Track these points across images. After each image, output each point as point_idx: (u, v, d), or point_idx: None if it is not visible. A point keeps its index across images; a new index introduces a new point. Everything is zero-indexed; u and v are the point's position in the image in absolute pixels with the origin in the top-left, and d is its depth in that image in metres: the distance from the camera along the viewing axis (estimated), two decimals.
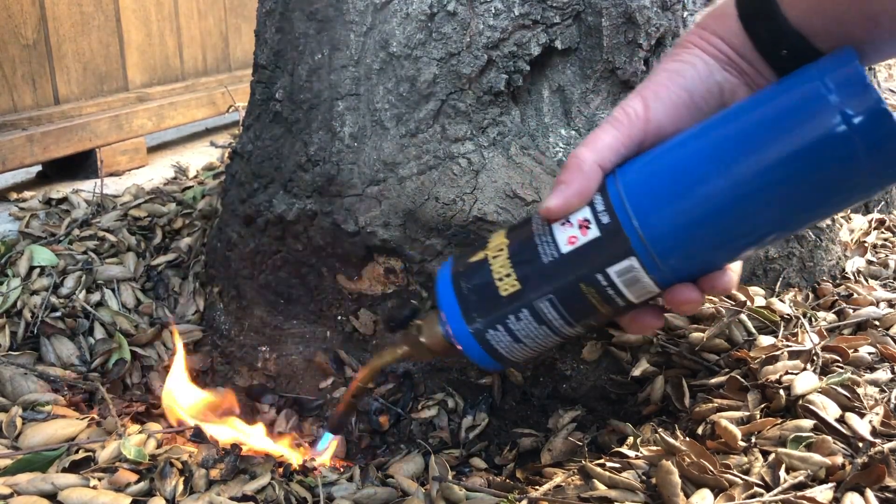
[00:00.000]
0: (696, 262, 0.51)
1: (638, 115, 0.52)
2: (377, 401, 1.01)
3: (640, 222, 0.50)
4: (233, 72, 2.37)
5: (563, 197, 0.52)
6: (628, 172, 0.52)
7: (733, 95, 0.53)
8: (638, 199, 0.50)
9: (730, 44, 0.52)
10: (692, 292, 0.52)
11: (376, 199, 0.92)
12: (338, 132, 0.93)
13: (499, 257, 0.56)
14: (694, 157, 0.50)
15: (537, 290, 0.54)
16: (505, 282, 0.55)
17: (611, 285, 0.52)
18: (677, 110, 0.52)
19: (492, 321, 0.56)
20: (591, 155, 0.52)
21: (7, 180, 1.71)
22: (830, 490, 0.62)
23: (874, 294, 0.98)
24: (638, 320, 0.56)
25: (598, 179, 0.52)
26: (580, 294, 0.53)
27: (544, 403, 0.97)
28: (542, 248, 0.53)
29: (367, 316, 1.01)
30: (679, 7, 0.90)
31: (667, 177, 0.50)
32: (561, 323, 0.55)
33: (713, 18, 0.54)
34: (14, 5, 1.58)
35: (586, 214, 0.52)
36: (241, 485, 0.73)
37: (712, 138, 0.49)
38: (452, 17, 0.87)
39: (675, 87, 0.52)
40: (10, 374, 0.92)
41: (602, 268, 0.51)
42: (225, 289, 1.13)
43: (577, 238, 0.52)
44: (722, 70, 0.53)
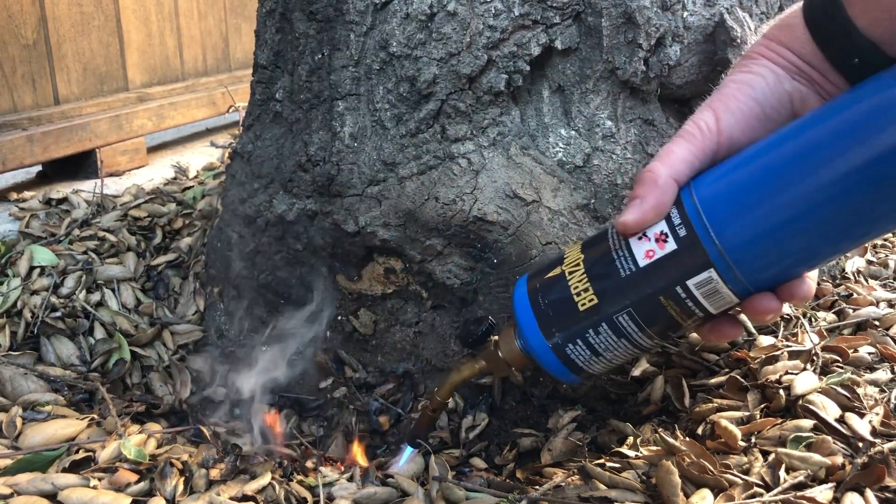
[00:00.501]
0: (775, 271, 0.51)
1: (710, 127, 0.52)
2: (377, 401, 1.01)
3: (717, 234, 0.50)
4: (233, 72, 2.37)
5: (639, 211, 0.52)
6: (703, 185, 0.52)
7: (804, 105, 0.53)
8: (715, 211, 0.50)
9: (798, 54, 0.52)
10: (771, 301, 0.52)
11: (376, 199, 0.92)
12: (338, 132, 0.93)
13: (575, 272, 0.57)
14: (769, 167, 0.50)
15: (616, 304, 0.55)
16: (583, 296, 0.56)
17: (690, 297, 0.52)
18: (749, 122, 0.52)
19: (571, 335, 0.57)
20: (665, 169, 0.52)
21: (7, 180, 1.71)
22: (830, 490, 0.62)
23: (874, 294, 0.98)
24: (716, 330, 0.57)
25: (673, 193, 0.52)
26: (660, 307, 0.54)
27: (544, 403, 0.97)
28: (620, 263, 0.54)
29: (367, 316, 1.01)
30: (679, 7, 0.90)
31: (743, 188, 0.50)
32: (640, 336, 0.56)
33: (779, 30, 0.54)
34: (14, 5, 1.58)
35: (663, 228, 0.52)
36: (241, 485, 0.73)
37: (787, 148, 0.49)
38: (452, 17, 0.87)
39: (745, 99, 0.52)
40: (10, 374, 0.93)
41: (681, 280, 0.52)
42: (225, 289, 1.13)
43: (655, 252, 0.53)
44: (791, 80, 0.53)
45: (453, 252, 0.92)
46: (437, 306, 0.98)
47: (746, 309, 0.54)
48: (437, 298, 0.98)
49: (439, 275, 0.93)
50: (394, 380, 1.03)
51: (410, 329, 1.00)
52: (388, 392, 1.02)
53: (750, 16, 0.92)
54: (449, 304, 0.98)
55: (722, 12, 0.90)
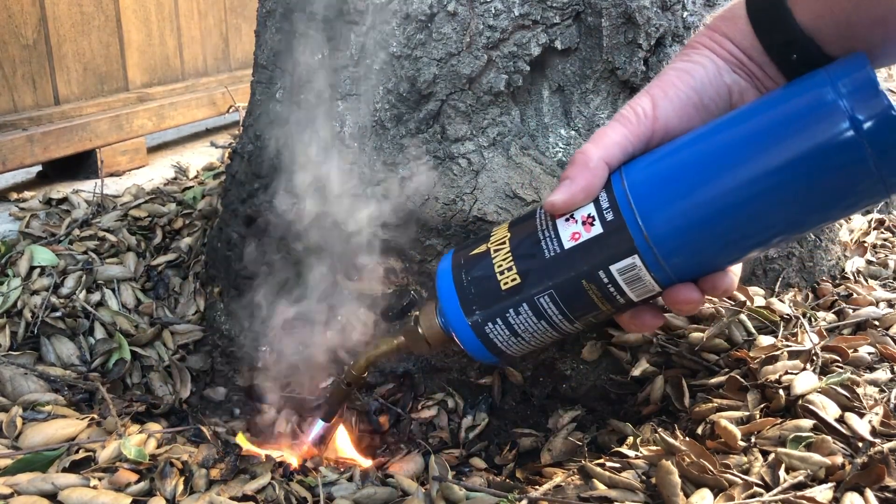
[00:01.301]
0: (699, 262, 0.51)
1: (646, 113, 0.52)
2: (377, 401, 1.01)
3: (644, 221, 0.49)
4: (233, 72, 2.37)
5: (568, 192, 0.52)
6: (634, 171, 0.52)
7: (742, 98, 0.53)
8: (643, 197, 0.50)
9: (740, 46, 0.52)
10: (693, 292, 0.52)
11: (376, 199, 0.92)
12: (338, 132, 0.93)
13: (500, 250, 0.56)
14: (701, 157, 0.50)
15: (538, 284, 0.54)
16: (506, 275, 0.55)
17: (612, 283, 0.52)
18: (686, 110, 0.52)
19: (491, 314, 0.56)
20: (597, 151, 0.52)
21: (7, 180, 1.71)
22: (830, 490, 0.62)
23: (874, 294, 0.98)
24: (637, 319, 0.57)
25: (603, 176, 0.52)
26: (581, 290, 0.53)
27: (544, 403, 0.97)
28: (545, 243, 0.53)
29: (368, 316, 1.01)
30: (679, 7, 0.90)
31: (673, 176, 0.50)
32: (560, 319, 0.55)
33: (723, 21, 0.53)
34: (14, 5, 1.58)
35: (591, 211, 0.52)
36: (241, 485, 0.73)
37: (720, 139, 0.49)
38: (452, 17, 0.87)
39: (684, 87, 0.52)
40: (11, 374, 0.93)
41: (604, 265, 0.51)
42: (225, 289, 1.13)
43: (581, 234, 0.52)
44: (731, 72, 0.53)
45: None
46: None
47: (667, 298, 0.53)
48: None
49: None
50: (394, 380, 1.03)
51: None
52: (388, 392, 1.02)
53: None
54: None
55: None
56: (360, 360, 0.73)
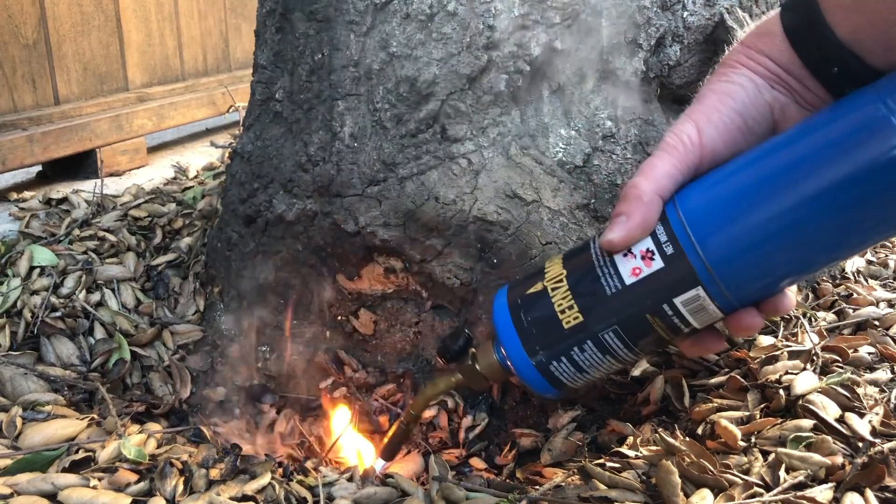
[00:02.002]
0: (760, 286, 0.51)
1: (693, 140, 0.52)
2: (377, 401, 1.01)
3: (704, 251, 0.49)
4: (233, 72, 2.37)
5: (625, 229, 0.51)
6: (688, 200, 0.52)
7: (783, 113, 0.52)
8: (701, 227, 0.50)
9: (777, 62, 0.52)
10: (755, 318, 0.52)
11: (376, 199, 0.92)
12: (338, 132, 0.93)
13: (559, 289, 0.56)
14: (756, 182, 0.49)
15: (601, 322, 0.54)
16: (567, 314, 0.55)
17: (676, 314, 0.52)
18: (731, 134, 0.52)
19: (555, 353, 0.56)
20: (650, 185, 0.52)
21: (7, 180, 1.71)
22: (830, 490, 0.62)
23: (874, 294, 0.98)
24: (699, 344, 0.57)
25: (658, 209, 0.52)
26: (646, 324, 0.53)
27: (544, 403, 0.97)
28: (605, 280, 0.53)
29: (367, 316, 1.01)
30: (679, 7, 0.90)
31: (730, 204, 0.50)
32: (625, 352, 0.55)
33: (758, 37, 0.53)
34: (14, 5, 1.58)
35: (649, 245, 0.52)
36: (241, 485, 0.73)
37: (774, 162, 0.49)
38: (452, 17, 0.87)
39: (726, 111, 0.52)
40: (10, 374, 0.93)
41: (668, 298, 0.51)
42: (225, 289, 1.13)
43: (641, 269, 0.52)
44: (771, 89, 0.52)
45: (453, 252, 0.92)
46: (437, 306, 0.98)
47: (730, 324, 0.53)
48: (437, 298, 0.98)
49: (439, 275, 0.93)
50: (394, 380, 1.03)
51: (410, 329, 1.00)
52: (388, 392, 1.02)
53: (750, 16, 0.93)
54: (449, 304, 0.98)
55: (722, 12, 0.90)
56: (420, 399, 0.73)
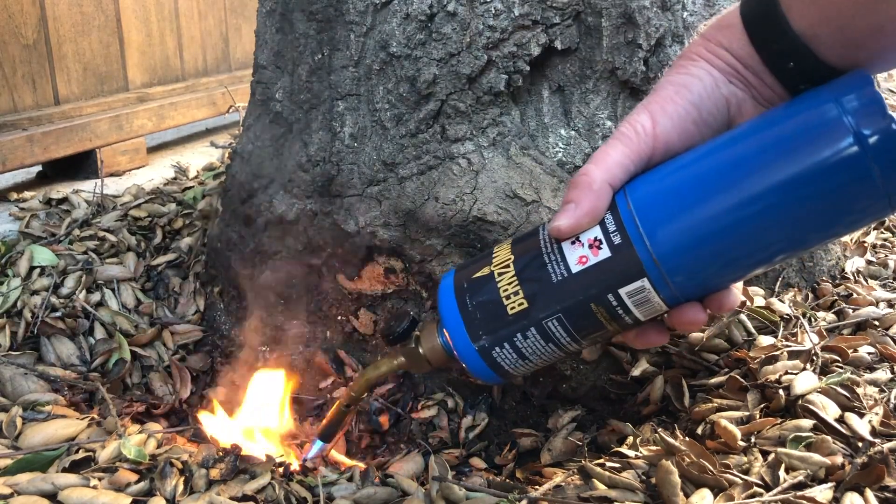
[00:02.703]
0: (705, 281, 0.51)
1: (646, 130, 0.52)
2: (377, 401, 1.01)
3: (652, 243, 0.49)
4: (233, 72, 2.37)
5: (573, 217, 0.51)
6: (639, 190, 0.51)
7: (739, 109, 0.53)
8: (650, 219, 0.50)
9: (735, 55, 0.52)
10: (698, 313, 0.52)
11: (376, 199, 0.92)
12: (338, 132, 0.93)
13: (505, 274, 0.55)
14: (706, 175, 0.49)
15: (546, 309, 0.54)
16: (512, 300, 0.54)
17: (621, 305, 0.52)
18: (685, 125, 0.52)
19: (498, 339, 0.56)
20: (600, 173, 0.51)
21: (7, 180, 1.71)
22: (830, 490, 0.62)
23: (874, 294, 0.98)
24: (643, 337, 0.57)
25: (608, 198, 0.52)
26: (589, 313, 0.53)
27: (544, 403, 0.97)
28: (551, 267, 0.53)
29: (367, 316, 1.01)
30: (679, 7, 0.90)
31: (679, 196, 0.50)
32: (568, 340, 0.55)
33: (718, 29, 0.53)
34: (14, 5, 1.58)
35: (597, 234, 0.51)
36: (241, 485, 0.73)
37: (724, 156, 0.49)
38: (452, 17, 0.87)
39: (682, 102, 0.52)
40: (11, 374, 0.93)
41: (613, 288, 0.51)
42: (225, 289, 1.13)
43: (588, 258, 0.51)
44: (728, 83, 0.52)
45: (453, 252, 0.92)
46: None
47: (674, 319, 0.53)
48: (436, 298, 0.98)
49: (439, 275, 0.93)
50: (394, 380, 1.03)
51: None
52: (388, 392, 1.02)
53: None
54: None
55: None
56: (360, 381, 0.72)
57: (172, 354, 1.08)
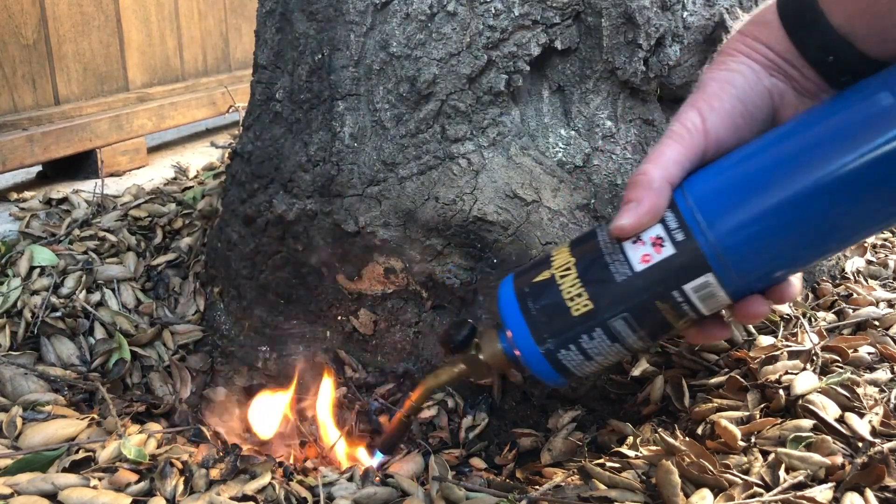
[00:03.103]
0: (769, 273, 0.52)
1: (697, 127, 0.52)
2: (377, 401, 1.01)
3: (715, 238, 0.50)
4: (233, 72, 2.37)
5: (635, 216, 0.52)
6: (697, 186, 0.52)
7: (782, 99, 0.53)
8: (711, 213, 0.50)
9: (774, 50, 0.52)
10: (762, 305, 0.52)
11: (376, 199, 0.92)
12: (338, 132, 0.93)
13: (567, 276, 0.56)
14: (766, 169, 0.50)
15: (611, 309, 0.54)
16: (576, 302, 0.55)
17: (686, 301, 0.52)
18: (733, 120, 0.53)
19: (564, 341, 0.56)
20: (659, 171, 0.52)
21: (7, 180, 1.71)
22: (830, 490, 0.62)
23: (874, 294, 0.98)
24: (705, 332, 0.57)
25: (667, 196, 0.52)
26: (655, 311, 0.53)
27: (544, 403, 0.97)
28: (614, 267, 0.54)
29: (367, 316, 1.01)
30: (679, 7, 0.90)
31: (740, 190, 0.50)
32: (634, 339, 0.56)
33: (755, 26, 0.54)
34: (14, 5, 1.58)
35: (659, 232, 0.52)
36: (241, 485, 0.73)
37: (783, 149, 0.50)
38: (452, 17, 0.87)
39: (727, 98, 0.52)
40: (11, 374, 0.93)
41: (679, 285, 0.52)
42: (225, 289, 1.13)
43: (651, 256, 0.52)
44: (769, 76, 0.53)
45: (453, 252, 0.92)
46: (437, 306, 0.98)
47: (738, 311, 0.54)
48: (437, 298, 0.98)
49: (439, 275, 0.93)
50: (394, 380, 1.03)
51: (410, 329, 1.00)
52: (388, 392, 1.02)
53: None
54: (449, 304, 0.98)
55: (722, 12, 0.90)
56: (421, 390, 0.72)
57: (172, 354, 1.08)
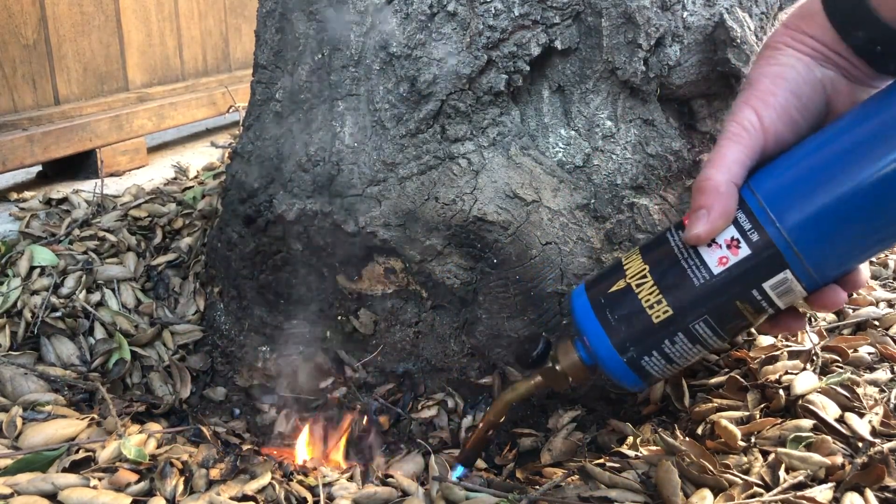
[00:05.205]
0: (843, 264, 0.52)
1: (754, 125, 0.53)
2: (377, 401, 1.01)
3: (789, 233, 0.50)
4: (233, 72, 2.37)
5: (709, 222, 0.53)
6: (765, 184, 0.52)
7: (835, 89, 0.53)
8: (783, 210, 0.51)
9: (821, 41, 0.53)
10: (839, 294, 0.53)
11: (376, 199, 0.92)
12: (338, 132, 0.93)
13: (644, 284, 0.57)
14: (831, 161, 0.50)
15: (692, 313, 0.55)
16: (656, 309, 0.56)
17: (765, 298, 0.53)
18: (789, 114, 0.53)
19: (647, 349, 0.57)
20: (723, 175, 0.53)
21: (7, 180, 1.71)
22: (830, 490, 0.62)
23: (874, 294, 0.98)
24: (782, 324, 0.58)
25: (736, 198, 0.53)
26: (735, 311, 0.54)
27: (544, 403, 0.97)
28: (692, 272, 0.54)
29: (367, 316, 1.01)
30: (679, 7, 0.90)
31: (809, 184, 0.51)
32: (714, 339, 0.56)
33: (800, 19, 0.54)
34: (14, 5, 1.58)
35: (733, 234, 0.53)
36: (241, 485, 0.73)
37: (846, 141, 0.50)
38: (452, 17, 0.87)
39: (781, 92, 0.53)
40: (11, 374, 0.93)
41: (757, 283, 0.53)
42: (225, 289, 1.13)
43: (728, 258, 0.53)
44: (819, 66, 0.53)
45: (453, 252, 0.92)
46: (437, 306, 0.98)
47: (815, 302, 0.54)
48: (437, 298, 0.98)
49: (439, 275, 0.93)
50: (394, 380, 1.03)
51: (410, 329, 1.00)
52: (388, 392, 1.02)
53: (749, 16, 0.92)
54: (449, 304, 0.98)
55: (722, 12, 0.90)
56: (499, 404, 0.73)
57: (172, 354, 1.08)
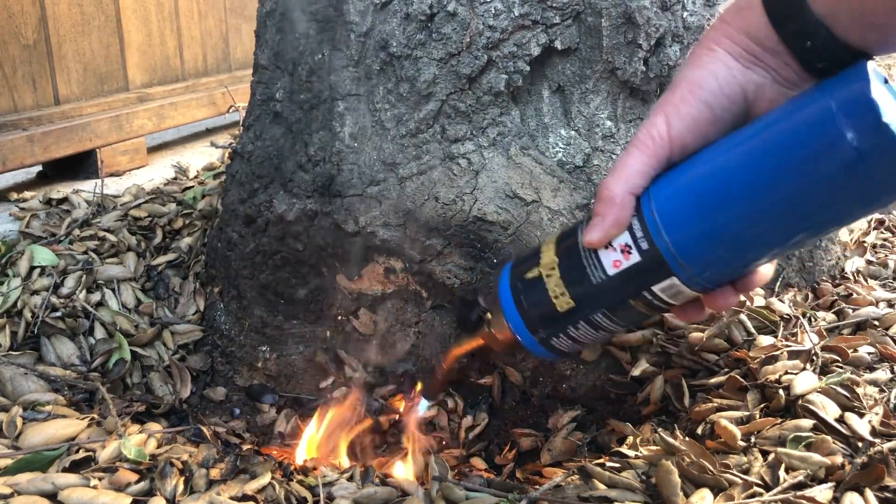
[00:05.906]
0: (730, 271, 0.55)
1: (661, 135, 0.54)
2: (377, 401, 1.01)
3: (676, 246, 0.53)
4: (233, 72, 2.37)
5: (602, 230, 0.56)
6: (660, 195, 0.55)
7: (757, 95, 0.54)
8: (671, 223, 0.54)
9: (754, 38, 0.53)
10: (730, 296, 0.57)
11: (376, 199, 0.92)
12: (338, 132, 0.93)
13: (552, 276, 0.62)
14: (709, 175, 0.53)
15: (590, 307, 0.61)
16: (560, 300, 0.61)
17: (656, 298, 0.57)
18: (699, 126, 0.54)
19: (554, 332, 0.64)
20: (621, 185, 0.55)
21: (7, 180, 1.71)
22: (830, 490, 0.62)
23: (874, 294, 0.98)
24: (684, 314, 0.61)
25: (631, 207, 0.55)
26: (630, 306, 0.59)
27: (544, 403, 0.97)
28: (591, 270, 0.59)
29: (367, 316, 1.01)
30: (679, 7, 0.90)
31: (688, 196, 0.53)
32: (614, 327, 0.62)
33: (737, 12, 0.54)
34: (14, 5, 1.58)
35: (627, 240, 0.56)
36: (241, 484, 0.73)
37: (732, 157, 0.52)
38: (452, 17, 0.87)
39: (695, 102, 0.54)
40: (11, 374, 0.93)
41: (647, 286, 0.56)
42: (225, 289, 1.13)
43: (621, 262, 0.56)
44: (745, 70, 0.53)
45: (453, 252, 0.92)
46: (437, 306, 0.99)
47: (708, 302, 0.58)
48: (437, 298, 0.98)
49: (439, 275, 0.93)
50: (394, 380, 1.03)
51: (410, 329, 1.00)
52: (388, 392, 1.02)
53: None
54: (449, 304, 0.98)
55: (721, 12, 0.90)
56: (449, 356, 0.82)
57: (172, 354, 1.08)
